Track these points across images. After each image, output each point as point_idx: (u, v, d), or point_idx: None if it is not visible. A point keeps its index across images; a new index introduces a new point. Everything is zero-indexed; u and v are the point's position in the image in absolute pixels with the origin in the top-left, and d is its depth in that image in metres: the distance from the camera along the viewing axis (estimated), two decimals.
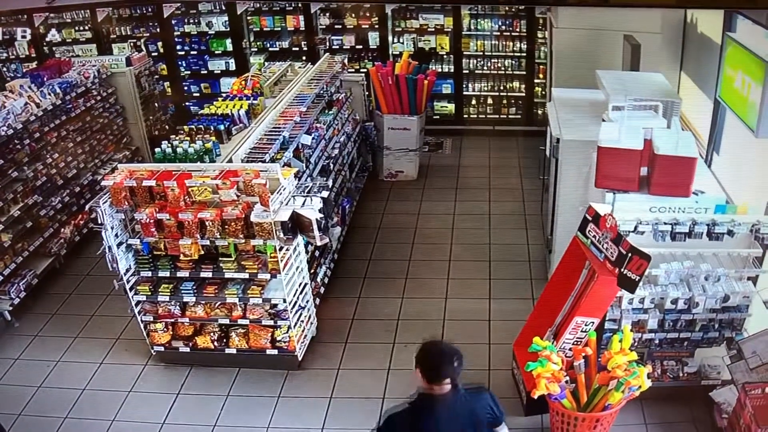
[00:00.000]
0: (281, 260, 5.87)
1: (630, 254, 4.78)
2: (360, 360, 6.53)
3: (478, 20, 11.06)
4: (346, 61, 9.74)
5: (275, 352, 6.31)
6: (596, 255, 5.11)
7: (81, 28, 11.52)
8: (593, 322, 5.12)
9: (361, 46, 11.43)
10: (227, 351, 6.37)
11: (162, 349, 6.47)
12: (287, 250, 5.98)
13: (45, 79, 8.54)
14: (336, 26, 11.44)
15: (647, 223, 5.22)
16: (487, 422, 3.95)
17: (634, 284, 4.81)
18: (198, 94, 11.84)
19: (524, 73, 11.19)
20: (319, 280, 7.18)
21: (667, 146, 5.24)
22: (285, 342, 6.27)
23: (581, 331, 5.13)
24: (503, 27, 11.06)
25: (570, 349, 5.16)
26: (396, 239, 8.52)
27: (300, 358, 6.42)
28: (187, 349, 6.43)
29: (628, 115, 5.59)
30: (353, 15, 11.35)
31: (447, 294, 7.41)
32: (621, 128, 5.43)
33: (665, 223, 5.21)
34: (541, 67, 11.05)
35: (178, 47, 11.62)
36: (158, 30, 11.54)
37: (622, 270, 4.83)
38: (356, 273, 7.87)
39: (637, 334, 5.40)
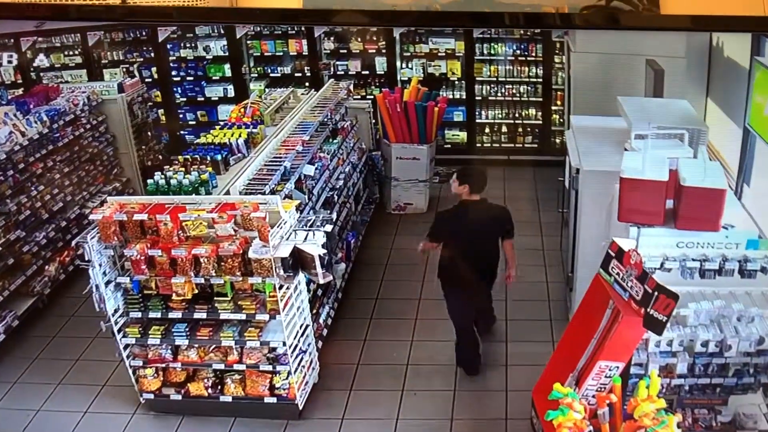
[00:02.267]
0: (281, 300, 5.86)
1: (656, 293, 4.73)
2: (366, 409, 6.48)
3: (492, 44, 11.13)
4: (351, 87, 9.81)
5: (274, 400, 6.27)
6: (620, 294, 5.07)
7: (71, 52, 11.60)
8: (618, 367, 5.06)
9: (367, 72, 11.46)
10: (222, 399, 6.33)
11: (152, 396, 6.43)
12: (288, 288, 5.98)
13: (31, 106, 8.59)
14: (341, 51, 11.50)
15: (674, 260, 5.19)
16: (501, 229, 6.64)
17: (661, 325, 4.75)
18: (194, 122, 11.85)
19: (541, 99, 11.20)
20: (321, 321, 7.15)
21: (694, 177, 5.22)
22: (285, 389, 6.23)
23: (605, 377, 5.07)
24: (518, 51, 11.09)
25: (593, 396, 5.10)
26: (405, 277, 8.46)
27: (301, 407, 6.38)
28: (179, 397, 6.39)
29: (651, 144, 5.58)
30: (359, 39, 11.41)
31: None
32: (645, 158, 5.41)
33: (693, 260, 5.18)
34: (558, 93, 11.06)
35: (174, 73, 11.67)
36: (152, 55, 11.59)
37: (648, 310, 4.78)
38: (362, 314, 7.81)
39: (665, 380, 5.35)
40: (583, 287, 5.70)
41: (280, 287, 5.85)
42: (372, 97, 10.75)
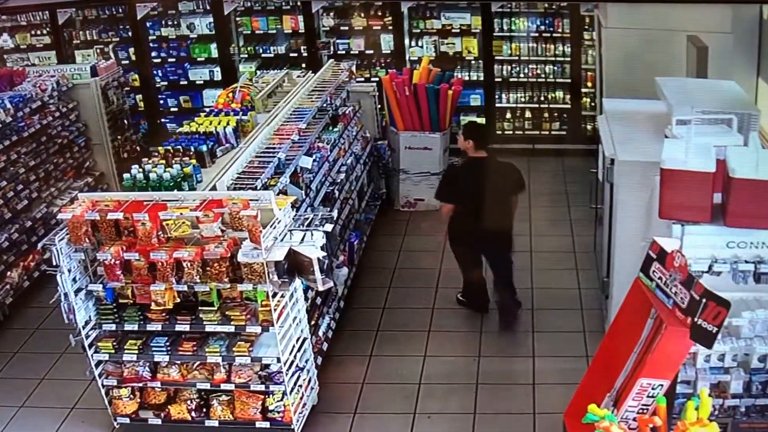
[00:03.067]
0: (275, 309, 5.81)
1: (705, 300, 4.66)
2: None
3: (512, 19, 11.12)
4: (354, 68, 9.78)
5: (267, 424, 6.23)
6: (663, 301, 5.00)
7: (38, 32, 11.68)
8: (662, 385, 5.00)
9: (371, 51, 11.51)
10: (208, 423, 6.29)
11: (127, 420, 6.40)
12: (282, 296, 5.92)
13: None
14: (342, 28, 11.53)
15: (724, 262, 5.11)
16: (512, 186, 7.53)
17: (711, 337, 4.68)
18: (176, 109, 11.91)
19: (569, 81, 11.23)
20: (321, 333, 7.11)
21: (745, 168, 5.14)
22: (279, 412, 6.18)
23: (647, 396, 5.01)
24: (542, 27, 11.12)
25: (634, 419, 5.04)
26: (415, 283, 8.48)
27: None
28: (159, 421, 6.35)
29: (695, 130, 5.51)
30: (362, 14, 11.44)
31: (480, 351, 7.33)
32: (688, 146, 5.35)
33: (747, 262, 5.08)
34: (589, 74, 11.08)
35: (154, 54, 11.74)
36: (130, 34, 11.65)
37: (696, 320, 4.71)
38: (367, 325, 7.80)
39: (717, 400, 5.28)
40: (621, 294, 5.66)
41: (274, 295, 5.79)
42: (377, 79, 10.76)
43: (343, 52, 11.49)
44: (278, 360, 5.98)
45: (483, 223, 7.30)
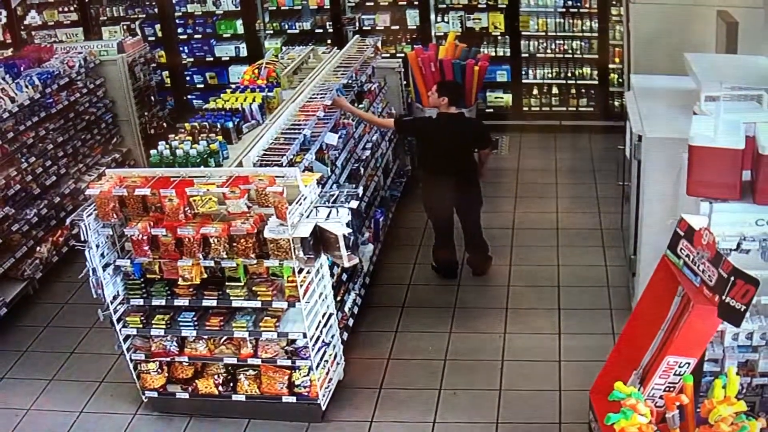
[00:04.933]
0: (301, 285, 5.82)
1: (733, 278, 4.62)
2: (398, 410, 6.45)
3: None
4: (379, 44, 9.75)
5: (293, 399, 6.25)
6: (691, 279, 4.96)
7: (65, 8, 11.70)
8: (689, 363, 4.97)
9: (397, 27, 11.45)
10: (234, 398, 6.33)
11: (155, 394, 6.44)
12: (308, 272, 5.93)
13: (22, 68, 8.65)
14: (367, 3, 11.48)
15: (753, 240, 5.03)
16: (475, 141, 7.94)
17: (739, 315, 4.63)
18: (202, 86, 11.93)
19: (596, 56, 11.13)
20: (347, 309, 7.12)
21: None
22: (305, 387, 6.20)
23: (674, 374, 4.98)
24: (569, 2, 11.02)
25: (661, 397, 5.01)
26: None
27: (324, 407, 6.35)
28: (186, 395, 6.39)
29: (725, 107, 5.44)
30: None
31: (506, 328, 7.32)
32: (717, 123, 5.29)
33: None
34: (617, 49, 10.96)
35: (180, 30, 11.74)
36: (156, 10, 11.67)
37: (724, 298, 4.67)
38: (393, 301, 7.81)
39: (745, 379, 5.25)
40: (648, 271, 5.64)
41: (300, 271, 5.79)
42: (403, 55, 10.73)
43: (369, 27, 11.45)
44: (304, 335, 5.99)
45: (450, 174, 7.65)
